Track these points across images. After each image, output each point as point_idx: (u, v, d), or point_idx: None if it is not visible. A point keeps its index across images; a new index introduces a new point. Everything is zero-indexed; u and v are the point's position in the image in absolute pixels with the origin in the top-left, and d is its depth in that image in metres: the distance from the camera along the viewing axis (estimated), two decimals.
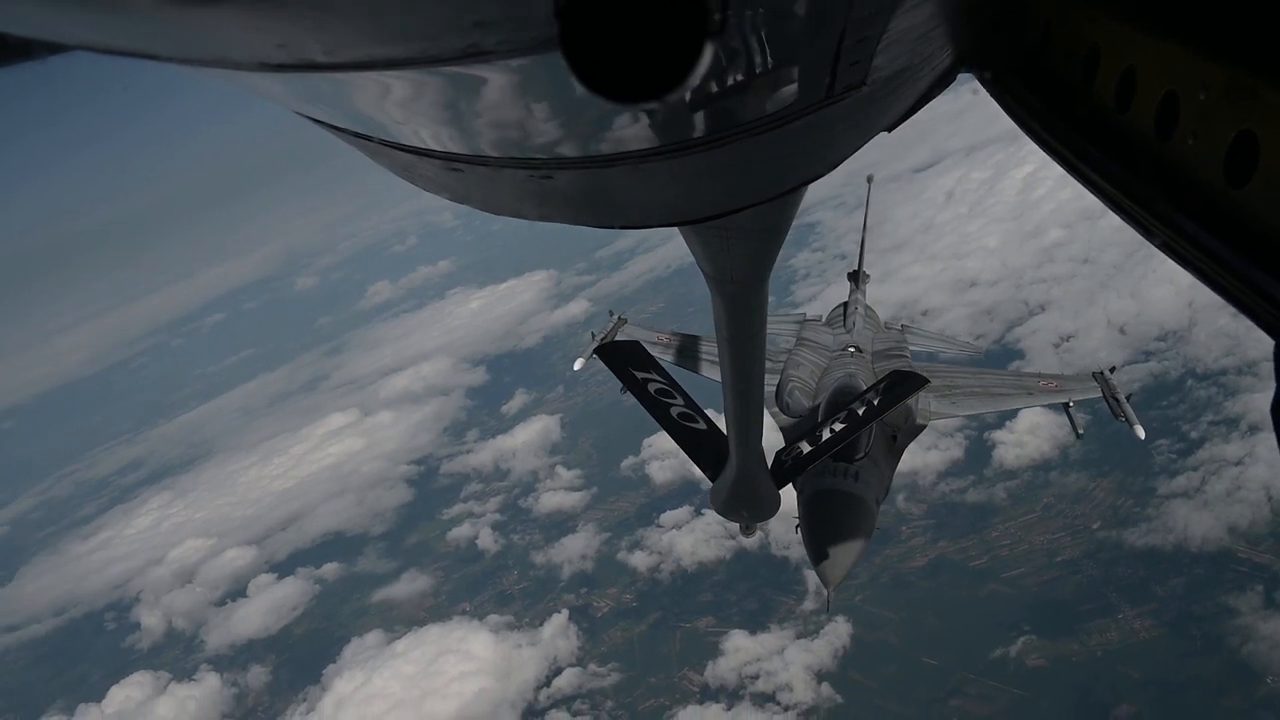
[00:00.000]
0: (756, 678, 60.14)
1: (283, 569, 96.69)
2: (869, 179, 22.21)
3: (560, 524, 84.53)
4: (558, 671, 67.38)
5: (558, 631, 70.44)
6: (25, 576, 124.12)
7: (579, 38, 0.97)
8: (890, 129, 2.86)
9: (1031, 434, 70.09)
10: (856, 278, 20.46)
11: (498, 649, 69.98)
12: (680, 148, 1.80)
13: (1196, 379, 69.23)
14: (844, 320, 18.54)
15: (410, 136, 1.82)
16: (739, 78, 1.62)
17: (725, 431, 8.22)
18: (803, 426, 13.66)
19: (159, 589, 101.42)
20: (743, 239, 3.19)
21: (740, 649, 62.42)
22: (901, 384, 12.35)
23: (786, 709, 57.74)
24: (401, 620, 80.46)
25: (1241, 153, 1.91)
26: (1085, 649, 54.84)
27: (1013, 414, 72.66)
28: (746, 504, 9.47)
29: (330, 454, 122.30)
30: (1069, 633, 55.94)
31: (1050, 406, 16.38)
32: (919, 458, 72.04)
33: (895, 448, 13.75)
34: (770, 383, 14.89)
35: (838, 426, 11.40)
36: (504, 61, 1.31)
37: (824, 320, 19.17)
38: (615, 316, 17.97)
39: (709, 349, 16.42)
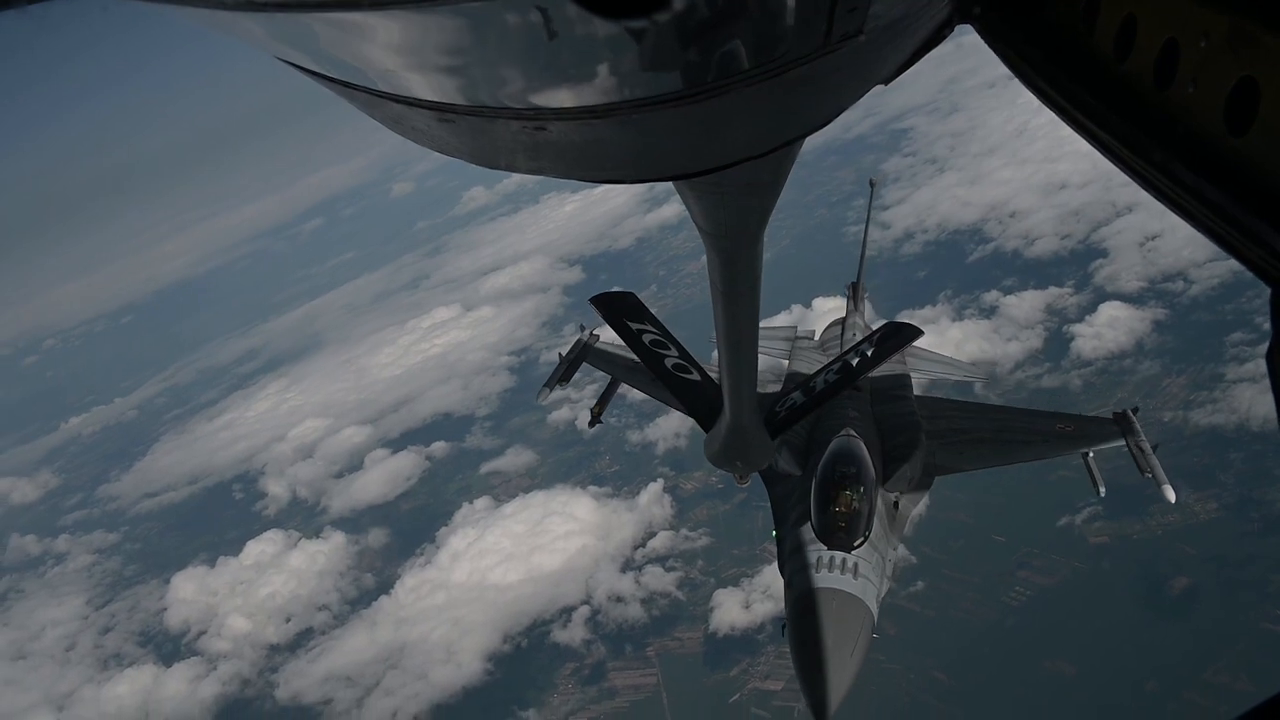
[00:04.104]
0: None
1: (395, 445, 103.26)
2: (871, 182, 21.68)
3: (654, 410, 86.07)
4: (652, 534, 72.40)
5: (653, 499, 75.32)
6: (157, 452, 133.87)
7: None
8: (887, 82, 2.81)
9: (1110, 326, 71.45)
10: (855, 291, 18.52)
11: (598, 513, 75.70)
12: (673, 98, 1.77)
13: None
14: (839, 345, 16.97)
15: (400, 85, 1.78)
16: (732, 24, 1.59)
17: (719, 382, 8.23)
18: (797, 381, 12.98)
19: (282, 463, 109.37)
20: (737, 194, 3.15)
21: None
22: (895, 335, 11.81)
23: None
24: (507, 490, 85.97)
25: (1241, 101, 1.89)
26: (1146, 528, 57.06)
27: (1092, 307, 74.30)
28: (740, 454, 9.35)
29: (435, 345, 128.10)
30: (1132, 514, 57.58)
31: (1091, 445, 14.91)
32: (998, 348, 73.76)
33: (899, 518, 12.61)
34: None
35: (832, 377, 10.95)
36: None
37: (817, 340, 17.63)
38: (586, 332, 17.10)
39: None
